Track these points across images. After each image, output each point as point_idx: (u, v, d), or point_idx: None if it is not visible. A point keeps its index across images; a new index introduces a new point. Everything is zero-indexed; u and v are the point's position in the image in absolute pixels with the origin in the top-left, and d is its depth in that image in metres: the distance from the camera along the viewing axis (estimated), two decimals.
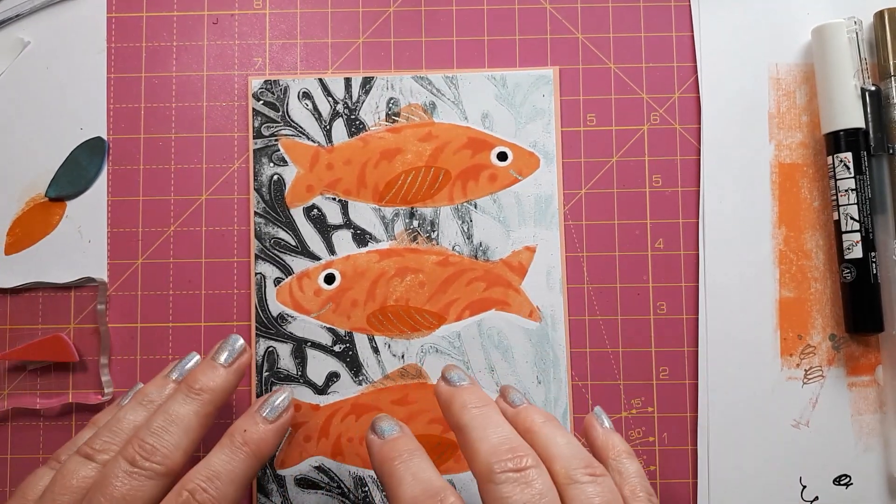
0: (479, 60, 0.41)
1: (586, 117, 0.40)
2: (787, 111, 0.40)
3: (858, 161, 0.38)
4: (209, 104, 0.41)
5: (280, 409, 0.33)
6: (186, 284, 0.40)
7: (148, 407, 0.32)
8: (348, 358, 0.39)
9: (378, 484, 0.38)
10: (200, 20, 0.41)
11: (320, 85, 0.40)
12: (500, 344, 0.39)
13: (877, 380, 0.39)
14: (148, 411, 0.32)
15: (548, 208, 0.40)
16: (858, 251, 0.38)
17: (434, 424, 0.39)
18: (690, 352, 0.39)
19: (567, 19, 0.41)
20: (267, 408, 0.33)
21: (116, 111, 0.41)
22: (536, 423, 0.31)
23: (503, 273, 0.39)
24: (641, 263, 0.40)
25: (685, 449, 0.39)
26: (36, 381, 0.39)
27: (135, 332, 0.40)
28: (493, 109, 0.40)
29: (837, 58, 0.38)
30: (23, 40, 0.41)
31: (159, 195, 0.40)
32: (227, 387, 0.33)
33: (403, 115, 0.40)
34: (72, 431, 0.39)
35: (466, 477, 0.38)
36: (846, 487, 0.38)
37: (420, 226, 0.40)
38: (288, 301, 0.39)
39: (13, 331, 0.40)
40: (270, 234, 0.40)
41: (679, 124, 0.40)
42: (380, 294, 0.39)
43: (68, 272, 0.40)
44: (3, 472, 0.39)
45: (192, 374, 0.32)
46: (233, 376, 0.33)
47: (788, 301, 0.39)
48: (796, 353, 0.39)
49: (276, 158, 0.40)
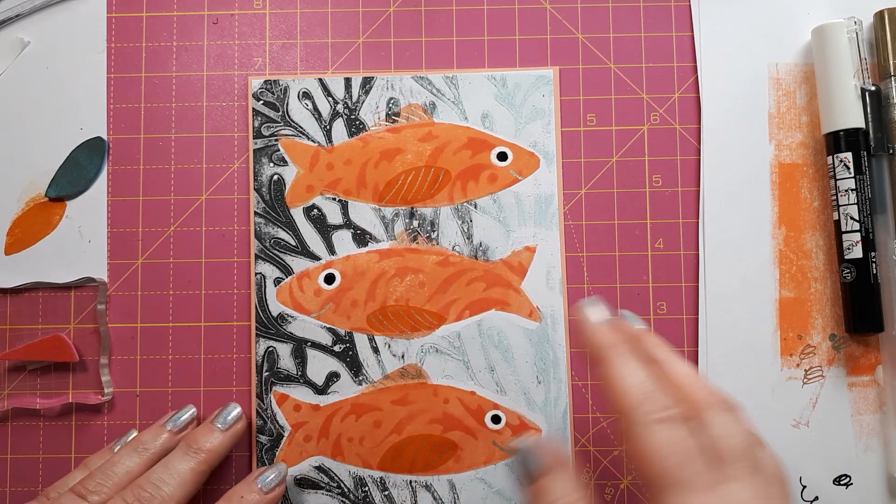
0: (479, 60, 0.41)
1: (586, 117, 0.40)
2: (787, 111, 0.40)
3: (858, 161, 0.38)
4: (209, 104, 0.41)
5: (232, 420, 0.36)
6: (186, 284, 0.40)
7: (142, 454, 0.35)
8: (348, 358, 0.39)
9: (378, 484, 0.38)
10: (200, 20, 0.41)
11: (320, 85, 0.40)
12: (500, 344, 0.39)
13: (877, 380, 0.39)
14: (142, 458, 0.35)
15: (548, 208, 0.40)
16: (858, 251, 0.38)
17: (434, 424, 0.39)
18: (690, 352, 0.39)
19: (567, 19, 0.41)
20: (220, 419, 0.36)
21: (116, 111, 0.41)
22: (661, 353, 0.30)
23: (503, 273, 0.39)
24: (641, 263, 0.40)
25: None
26: (36, 381, 0.39)
27: (135, 332, 0.40)
28: (493, 109, 0.40)
29: (837, 58, 0.38)
30: (23, 40, 0.41)
31: (159, 195, 0.40)
32: (222, 450, 0.36)
33: (403, 115, 0.40)
34: (72, 431, 0.39)
35: (466, 477, 0.38)
36: (846, 487, 0.38)
37: (420, 226, 0.40)
38: (288, 301, 0.39)
39: (13, 331, 0.40)
40: (270, 234, 0.40)
41: (679, 124, 0.40)
42: (380, 294, 0.39)
43: (68, 272, 0.40)
44: (3, 472, 0.39)
45: (192, 435, 0.35)
46: (228, 440, 0.36)
47: (788, 301, 0.39)
48: (796, 353, 0.39)
49: (276, 158, 0.40)
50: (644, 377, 0.28)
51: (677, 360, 0.29)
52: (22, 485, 0.39)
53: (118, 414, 0.39)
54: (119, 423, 0.39)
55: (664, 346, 0.30)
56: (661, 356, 0.30)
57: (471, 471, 0.38)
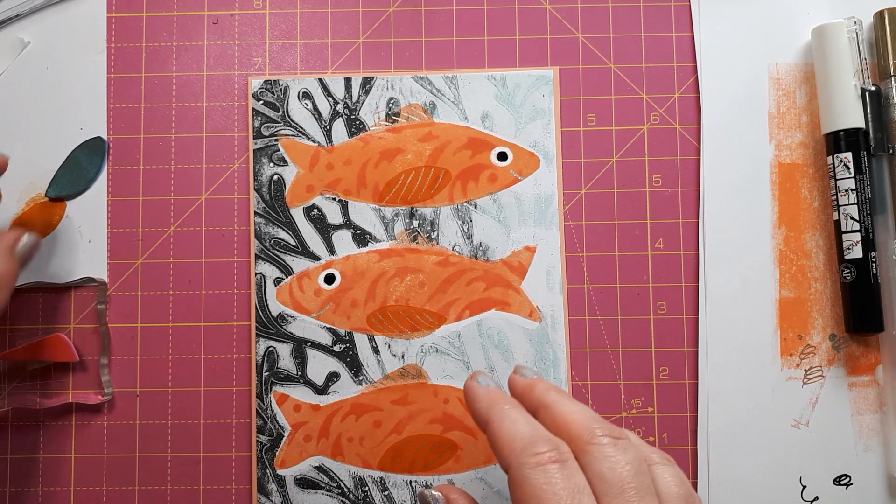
0: (479, 60, 0.41)
1: (586, 117, 0.40)
2: (787, 111, 0.40)
3: (858, 161, 0.38)
4: (209, 104, 0.41)
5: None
6: (186, 284, 0.40)
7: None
8: (348, 358, 0.39)
9: (378, 484, 0.38)
10: (200, 20, 0.41)
11: (320, 85, 0.40)
12: (500, 344, 0.39)
13: (877, 380, 0.39)
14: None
15: (548, 208, 0.40)
16: (858, 251, 0.38)
17: (434, 424, 0.39)
18: (690, 352, 0.39)
19: (567, 19, 0.41)
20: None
21: (116, 111, 0.41)
22: (550, 397, 0.30)
23: (503, 273, 0.39)
24: (641, 263, 0.40)
25: (685, 449, 0.39)
26: (36, 381, 0.39)
27: (135, 332, 0.40)
28: (493, 109, 0.40)
29: (837, 58, 0.38)
30: (23, 40, 0.41)
31: (159, 195, 0.40)
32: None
33: (403, 115, 0.40)
34: (72, 431, 0.39)
35: (466, 477, 0.38)
36: (846, 487, 0.38)
37: (420, 226, 0.40)
38: (288, 301, 0.39)
39: (13, 331, 0.40)
40: (270, 234, 0.40)
41: (679, 124, 0.40)
42: (380, 294, 0.39)
43: (68, 272, 0.40)
44: (3, 472, 0.39)
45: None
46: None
47: (788, 301, 0.39)
48: (796, 353, 0.39)
49: (276, 158, 0.40)
50: (525, 426, 0.28)
51: (566, 401, 0.29)
52: (22, 485, 0.39)
53: (118, 414, 0.39)
54: (119, 423, 0.39)
55: (554, 389, 0.30)
56: (549, 400, 0.29)
57: (471, 471, 0.38)
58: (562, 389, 0.31)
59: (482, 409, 0.30)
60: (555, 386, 0.30)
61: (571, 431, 0.27)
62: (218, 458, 0.39)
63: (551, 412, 0.28)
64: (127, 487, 0.39)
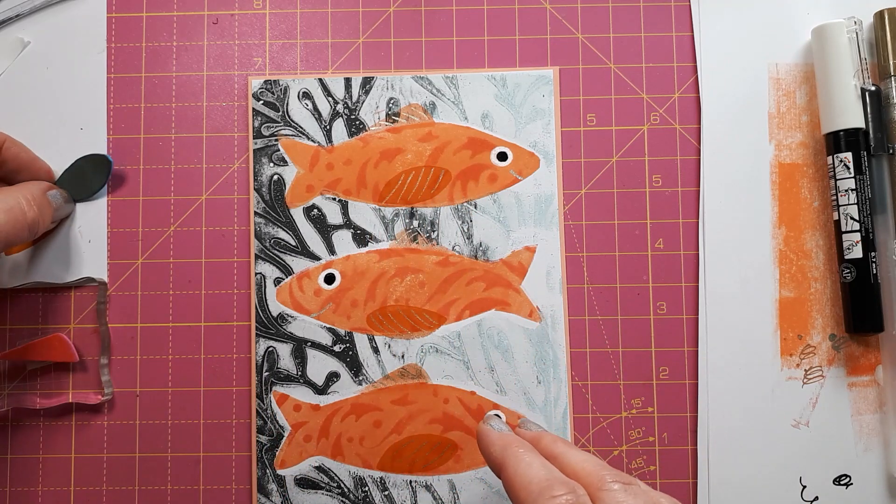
0: (479, 60, 0.41)
1: (586, 117, 0.40)
2: (787, 111, 0.40)
3: (858, 161, 0.38)
4: (209, 104, 0.41)
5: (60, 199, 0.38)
6: (186, 284, 0.40)
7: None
8: (348, 358, 0.39)
9: (378, 484, 0.38)
10: (200, 20, 0.41)
11: (320, 85, 0.40)
12: (500, 344, 0.39)
13: (877, 380, 0.39)
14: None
15: (548, 208, 0.40)
16: (858, 251, 0.38)
17: (434, 424, 0.39)
18: (690, 352, 0.39)
19: (567, 19, 0.41)
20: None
21: (116, 111, 0.41)
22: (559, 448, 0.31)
23: (503, 273, 0.39)
24: (641, 263, 0.40)
25: (685, 449, 0.39)
26: (36, 381, 0.39)
27: (135, 332, 0.40)
28: (493, 109, 0.40)
29: (837, 58, 0.38)
30: (23, 40, 0.41)
31: (159, 195, 0.40)
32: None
33: (403, 115, 0.40)
34: (72, 431, 0.39)
35: (466, 477, 0.38)
36: (846, 487, 0.38)
37: (420, 226, 0.40)
38: (288, 301, 0.39)
39: (13, 331, 0.40)
40: (270, 234, 0.40)
41: (679, 124, 0.40)
42: (380, 294, 0.39)
43: (68, 272, 0.40)
44: (4, 472, 0.39)
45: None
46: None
47: (788, 301, 0.39)
48: (796, 353, 0.39)
49: (276, 158, 0.40)
50: (541, 469, 0.29)
51: (574, 451, 0.30)
52: (22, 485, 0.39)
53: (118, 414, 0.39)
54: (119, 423, 0.39)
55: (560, 441, 0.31)
56: (557, 451, 0.30)
57: (471, 471, 0.38)
58: (568, 441, 0.32)
59: (496, 452, 0.31)
60: (561, 437, 0.32)
61: (582, 479, 0.28)
62: (218, 458, 0.39)
63: (560, 462, 0.29)
64: (127, 487, 0.39)
